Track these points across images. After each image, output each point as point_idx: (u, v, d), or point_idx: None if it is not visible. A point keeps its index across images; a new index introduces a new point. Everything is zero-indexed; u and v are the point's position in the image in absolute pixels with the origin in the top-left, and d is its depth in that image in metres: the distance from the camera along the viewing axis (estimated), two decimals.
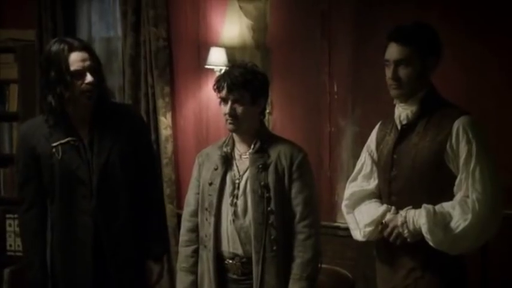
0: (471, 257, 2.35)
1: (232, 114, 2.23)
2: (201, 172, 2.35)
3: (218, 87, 2.25)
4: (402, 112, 2.26)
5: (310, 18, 3.63)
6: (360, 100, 3.48)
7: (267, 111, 3.76)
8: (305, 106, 3.69)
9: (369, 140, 2.44)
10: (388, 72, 2.22)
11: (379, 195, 2.36)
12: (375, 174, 2.38)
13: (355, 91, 3.50)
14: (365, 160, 2.42)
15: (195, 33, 4.02)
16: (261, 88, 2.27)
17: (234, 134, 2.33)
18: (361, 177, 2.41)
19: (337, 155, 3.58)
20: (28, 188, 2.44)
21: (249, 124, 2.28)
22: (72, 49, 2.34)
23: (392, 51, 2.21)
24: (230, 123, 2.25)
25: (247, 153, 2.29)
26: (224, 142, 2.35)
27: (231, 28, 3.90)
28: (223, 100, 2.25)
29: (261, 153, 2.27)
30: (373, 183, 2.38)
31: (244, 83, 2.22)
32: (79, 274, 2.38)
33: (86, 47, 2.38)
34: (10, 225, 4.43)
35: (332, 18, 3.55)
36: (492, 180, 2.12)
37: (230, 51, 3.83)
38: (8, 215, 4.42)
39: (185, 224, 2.38)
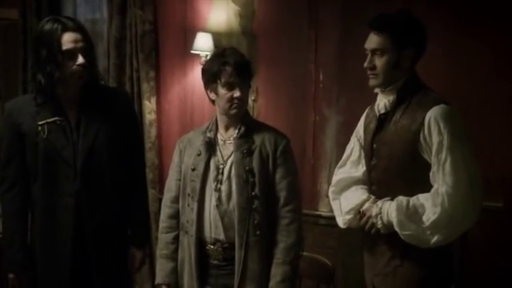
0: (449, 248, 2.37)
1: (242, 98, 2.23)
2: (183, 158, 2.33)
3: (221, 72, 2.21)
4: (381, 101, 2.25)
5: (297, 6, 3.62)
6: (344, 90, 3.49)
7: (252, 98, 3.79)
8: (290, 94, 3.69)
9: (358, 125, 2.43)
10: (366, 62, 2.22)
11: (366, 181, 2.35)
12: (363, 161, 2.36)
13: (341, 81, 3.51)
14: (354, 146, 2.41)
15: (182, 17, 3.99)
16: (252, 71, 2.29)
17: (221, 119, 2.31)
18: (350, 163, 2.40)
19: (321, 144, 3.59)
20: (11, 166, 2.40)
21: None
22: (65, 29, 2.30)
23: (369, 40, 2.19)
24: (236, 108, 2.24)
25: (232, 139, 2.28)
26: (207, 128, 2.33)
27: (218, 14, 3.87)
28: (229, 84, 2.22)
29: (245, 139, 2.26)
30: (361, 170, 2.37)
31: (248, 66, 2.24)
32: (58, 257, 2.35)
33: (79, 28, 2.35)
34: None
35: (319, 7, 3.54)
36: (464, 172, 2.08)
37: (216, 36, 3.81)
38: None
39: (166, 211, 2.36)
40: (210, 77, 2.24)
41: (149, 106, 3.99)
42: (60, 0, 4.47)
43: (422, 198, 2.13)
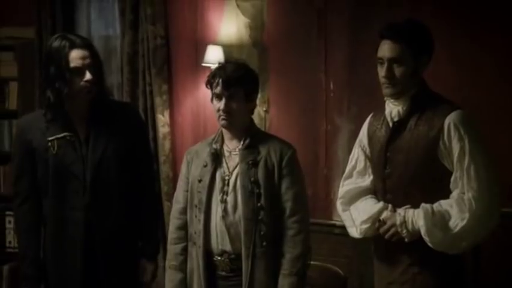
0: (463, 255, 2.36)
1: (226, 110, 2.23)
2: (190, 169, 2.35)
3: (212, 83, 2.26)
4: (393, 109, 2.25)
5: (306, 16, 3.64)
6: (355, 98, 3.48)
7: (264, 109, 3.81)
8: (301, 104, 3.70)
9: (360, 135, 2.43)
10: (382, 71, 2.20)
11: (374, 191, 2.35)
12: (369, 170, 2.36)
13: (351, 89, 3.51)
14: (358, 156, 2.40)
15: (193, 31, 4.03)
16: (254, 85, 2.30)
17: (224, 131, 2.33)
18: (356, 174, 2.40)
19: (333, 153, 3.59)
20: (23, 181, 2.45)
21: (241, 121, 2.29)
22: (73, 46, 2.35)
23: (386, 49, 2.19)
24: (224, 120, 2.25)
25: (237, 150, 2.29)
26: (213, 139, 2.35)
27: (229, 26, 3.91)
28: (217, 96, 2.26)
29: (250, 150, 2.27)
30: (368, 180, 2.36)
31: (239, 79, 2.24)
32: (69, 271, 2.38)
33: (87, 45, 2.40)
34: (10, 222, 4.46)
35: (328, 16, 3.56)
36: (487, 176, 2.12)
37: (227, 49, 3.84)
38: (7, 212, 4.45)
39: (174, 222, 2.38)
40: (208, 88, 2.30)
41: (162, 119, 4.02)
42: (74, 18, 4.54)
43: (446, 205, 2.14)
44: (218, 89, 2.24)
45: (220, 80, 2.23)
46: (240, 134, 2.30)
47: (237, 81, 2.23)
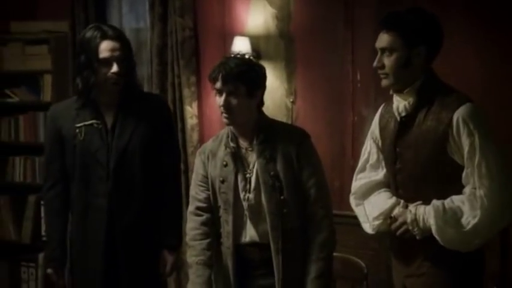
0: (490, 248, 2.32)
1: (226, 106, 2.18)
2: (208, 169, 2.31)
3: (213, 79, 2.20)
4: (400, 103, 2.20)
5: (333, 7, 3.63)
6: (382, 89, 3.38)
7: (291, 100, 3.80)
8: (328, 95, 3.69)
9: (372, 126, 2.39)
10: (375, 61, 2.18)
11: (388, 183, 2.31)
12: (382, 163, 2.33)
13: (378, 80, 3.36)
14: (370, 148, 2.38)
15: (221, 22, 4.05)
16: (257, 80, 2.22)
17: (233, 128, 2.28)
18: (369, 167, 2.37)
19: (360, 144, 3.47)
20: (52, 167, 2.52)
21: (245, 117, 2.23)
22: (104, 37, 2.39)
23: (379, 39, 2.16)
24: (225, 116, 2.21)
25: (253, 146, 2.26)
26: (228, 137, 2.29)
27: (256, 17, 3.91)
28: (219, 92, 2.20)
29: (266, 144, 2.24)
30: (381, 173, 2.33)
31: (240, 74, 2.16)
32: (90, 257, 2.44)
33: (119, 37, 2.43)
34: None
35: (355, 7, 3.53)
36: (499, 173, 2.05)
37: (254, 40, 3.84)
38: (43, 202, 4.56)
39: (196, 219, 2.32)
40: (210, 82, 2.25)
41: (190, 111, 4.06)
42: (106, 11, 4.61)
43: (458, 201, 2.09)
44: (218, 85, 2.18)
45: (220, 75, 2.16)
46: (250, 130, 2.26)
47: (238, 76, 2.15)
